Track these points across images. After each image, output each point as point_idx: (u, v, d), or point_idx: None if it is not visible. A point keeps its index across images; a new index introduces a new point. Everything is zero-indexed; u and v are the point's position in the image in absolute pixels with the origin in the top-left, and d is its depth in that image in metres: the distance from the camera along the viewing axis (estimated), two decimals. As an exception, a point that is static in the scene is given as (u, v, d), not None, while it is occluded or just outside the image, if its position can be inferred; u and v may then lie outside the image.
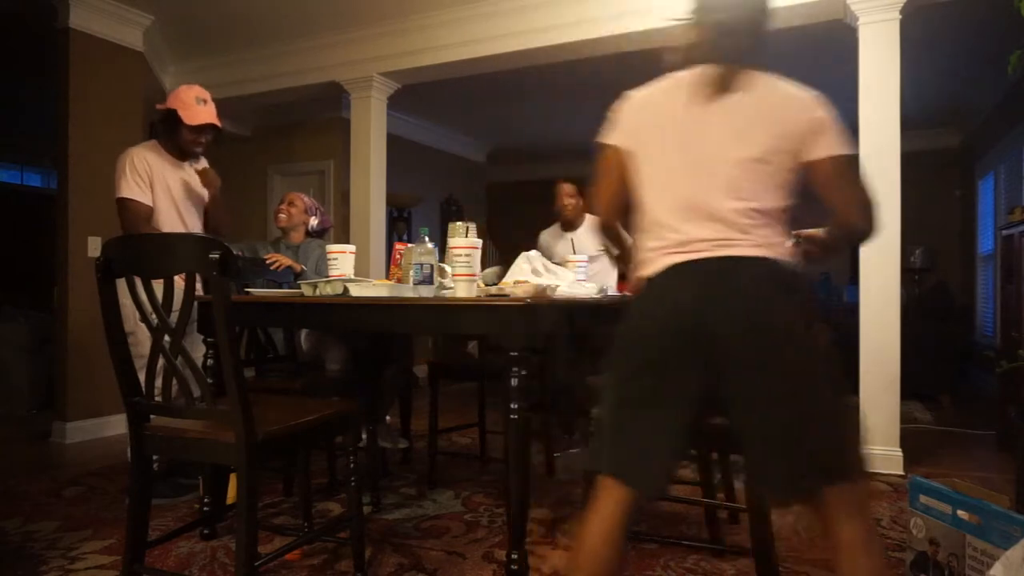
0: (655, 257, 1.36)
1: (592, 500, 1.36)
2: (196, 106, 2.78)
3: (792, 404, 1.23)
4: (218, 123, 2.85)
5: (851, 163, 1.33)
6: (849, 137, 1.33)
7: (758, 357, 1.23)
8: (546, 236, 4.13)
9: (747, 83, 1.33)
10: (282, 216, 3.32)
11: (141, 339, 2.27)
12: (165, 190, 2.81)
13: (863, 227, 1.34)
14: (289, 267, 3.08)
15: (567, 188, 3.96)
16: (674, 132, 1.37)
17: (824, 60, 4.28)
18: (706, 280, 1.28)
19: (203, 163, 2.99)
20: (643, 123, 1.42)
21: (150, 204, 2.76)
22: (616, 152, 1.46)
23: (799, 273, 1.32)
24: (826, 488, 1.24)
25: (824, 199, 1.33)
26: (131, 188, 2.72)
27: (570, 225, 4.00)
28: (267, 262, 3.05)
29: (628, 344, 1.35)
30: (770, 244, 1.30)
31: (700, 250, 1.30)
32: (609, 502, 1.33)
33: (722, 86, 1.34)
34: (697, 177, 1.34)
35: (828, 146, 1.30)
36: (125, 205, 2.72)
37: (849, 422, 1.29)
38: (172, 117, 2.78)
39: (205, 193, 2.97)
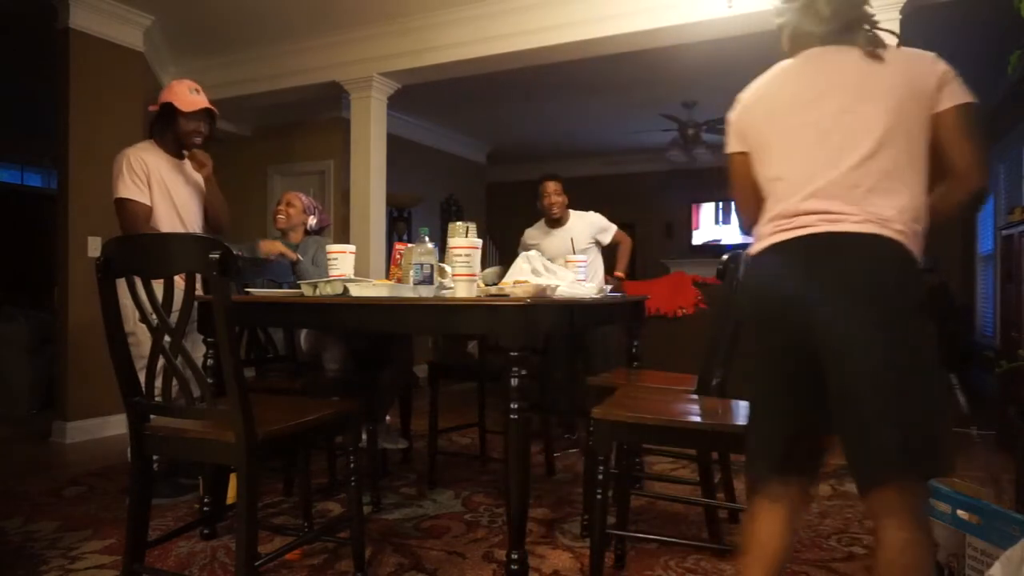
0: (764, 235, 1.35)
1: (753, 498, 1.38)
2: (191, 95, 2.80)
3: (882, 393, 1.16)
4: (213, 108, 2.86)
5: (972, 113, 1.27)
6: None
7: (855, 345, 1.17)
8: (531, 234, 4.06)
9: (861, 55, 1.30)
10: (281, 217, 3.33)
11: (141, 339, 2.27)
12: (163, 189, 2.80)
13: (979, 183, 1.28)
14: (283, 254, 3.09)
15: (553, 186, 3.91)
16: (785, 118, 1.36)
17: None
18: (802, 258, 1.26)
19: None
20: (755, 120, 1.42)
21: (149, 204, 2.75)
22: (740, 158, 1.46)
23: (909, 253, 1.25)
24: (898, 477, 1.17)
25: (944, 153, 1.28)
26: (129, 188, 2.71)
27: (558, 222, 3.97)
28: (262, 256, 3.06)
29: (751, 333, 1.36)
30: (883, 220, 1.23)
31: (805, 224, 1.27)
32: (771, 500, 1.35)
33: (832, 63, 1.33)
34: (806, 155, 1.32)
35: (953, 95, 1.27)
36: (124, 205, 2.72)
37: (941, 413, 1.20)
38: (168, 110, 2.78)
39: (203, 185, 2.94)
